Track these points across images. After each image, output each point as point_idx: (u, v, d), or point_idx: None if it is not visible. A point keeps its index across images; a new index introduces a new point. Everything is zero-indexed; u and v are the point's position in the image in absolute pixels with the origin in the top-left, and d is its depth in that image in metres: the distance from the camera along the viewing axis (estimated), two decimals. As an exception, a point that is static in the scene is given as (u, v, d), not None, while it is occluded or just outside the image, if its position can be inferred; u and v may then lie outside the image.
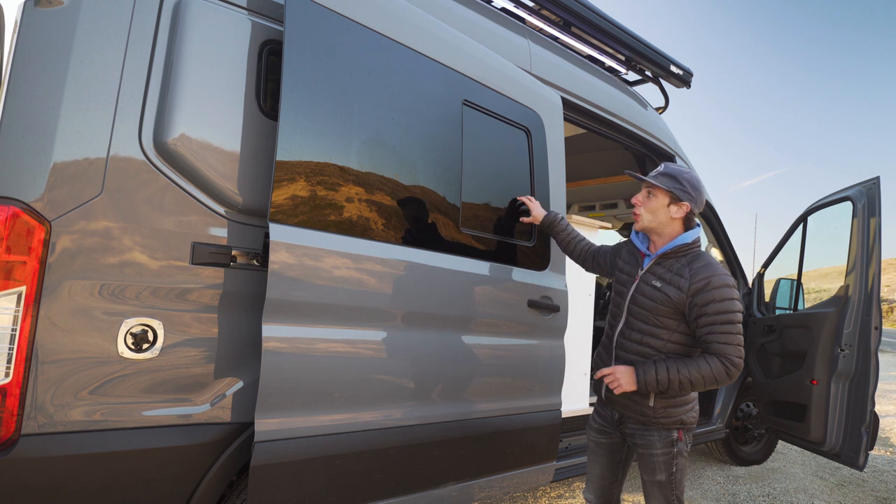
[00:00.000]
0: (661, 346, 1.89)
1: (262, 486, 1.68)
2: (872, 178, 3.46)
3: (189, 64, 1.69)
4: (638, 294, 1.94)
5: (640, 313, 1.93)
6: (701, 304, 1.80)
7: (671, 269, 1.89)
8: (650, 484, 1.97)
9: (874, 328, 3.26)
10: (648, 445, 1.95)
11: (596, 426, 2.15)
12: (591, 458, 2.17)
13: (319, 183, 1.82)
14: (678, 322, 1.87)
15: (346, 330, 1.89)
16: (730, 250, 4.51)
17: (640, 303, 1.92)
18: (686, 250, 1.91)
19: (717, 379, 1.79)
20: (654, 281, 1.91)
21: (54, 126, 1.50)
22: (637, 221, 1.98)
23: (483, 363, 2.32)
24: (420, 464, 2.10)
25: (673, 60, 3.68)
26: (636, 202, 1.97)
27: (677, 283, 1.85)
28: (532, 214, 2.43)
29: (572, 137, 4.37)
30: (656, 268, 1.94)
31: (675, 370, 1.80)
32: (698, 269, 1.84)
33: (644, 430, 1.96)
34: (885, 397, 7.89)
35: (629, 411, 1.98)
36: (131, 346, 1.60)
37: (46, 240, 1.48)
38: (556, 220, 2.43)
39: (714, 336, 1.79)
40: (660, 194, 1.93)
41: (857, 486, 4.06)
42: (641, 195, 1.97)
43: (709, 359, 1.80)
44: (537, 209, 2.44)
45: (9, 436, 1.45)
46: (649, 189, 1.95)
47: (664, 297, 1.86)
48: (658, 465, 1.93)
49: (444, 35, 2.26)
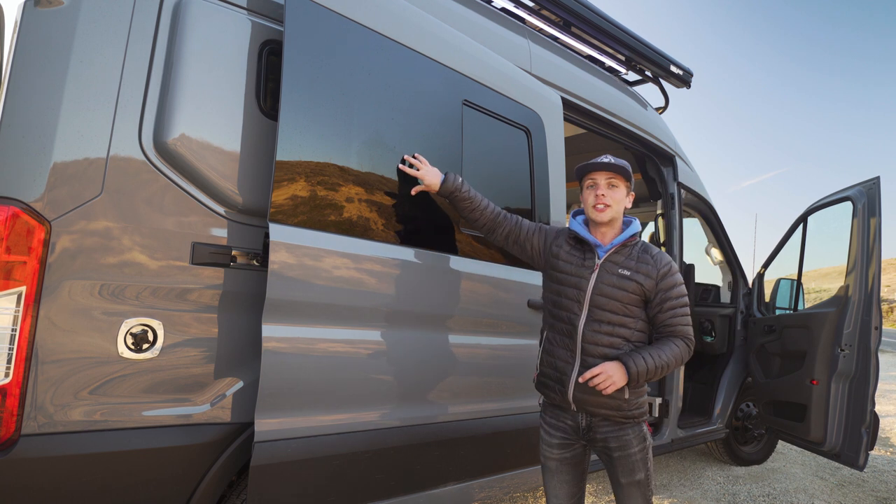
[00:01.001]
0: (630, 334, 1.88)
1: (262, 486, 1.68)
2: (872, 178, 3.46)
3: (189, 64, 1.70)
4: (603, 284, 1.87)
5: (607, 304, 1.87)
6: (666, 289, 1.87)
7: (631, 258, 1.90)
8: (629, 486, 1.88)
9: (874, 328, 3.26)
10: (625, 445, 1.87)
11: (556, 441, 1.96)
12: (555, 478, 1.98)
13: (319, 183, 1.82)
14: (641, 309, 1.90)
15: (346, 330, 1.89)
16: (730, 250, 4.51)
17: (608, 293, 1.87)
18: (636, 240, 1.97)
19: (683, 358, 1.87)
20: (619, 270, 1.88)
21: (54, 126, 1.50)
22: (602, 213, 1.90)
23: (483, 363, 2.32)
24: (420, 464, 2.10)
25: (673, 60, 3.69)
26: (602, 194, 1.90)
27: (645, 271, 1.87)
28: (425, 182, 2.04)
29: (572, 137, 4.37)
30: (616, 257, 1.91)
31: (657, 356, 1.82)
32: (657, 255, 1.91)
33: (618, 429, 1.88)
34: (885, 397, 7.89)
35: (604, 409, 1.86)
36: (131, 346, 1.60)
37: (46, 240, 1.48)
38: (458, 186, 2.05)
39: (678, 319, 1.87)
40: (621, 185, 1.93)
41: (857, 486, 4.06)
42: (604, 186, 1.90)
43: (675, 341, 1.87)
44: (430, 174, 2.04)
45: (9, 436, 1.45)
46: (611, 180, 1.91)
47: (636, 285, 1.86)
48: (637, 464, 1.87)
49: (444, 35, 2.26)
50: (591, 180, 1.94)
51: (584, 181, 1.97)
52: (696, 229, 4.71)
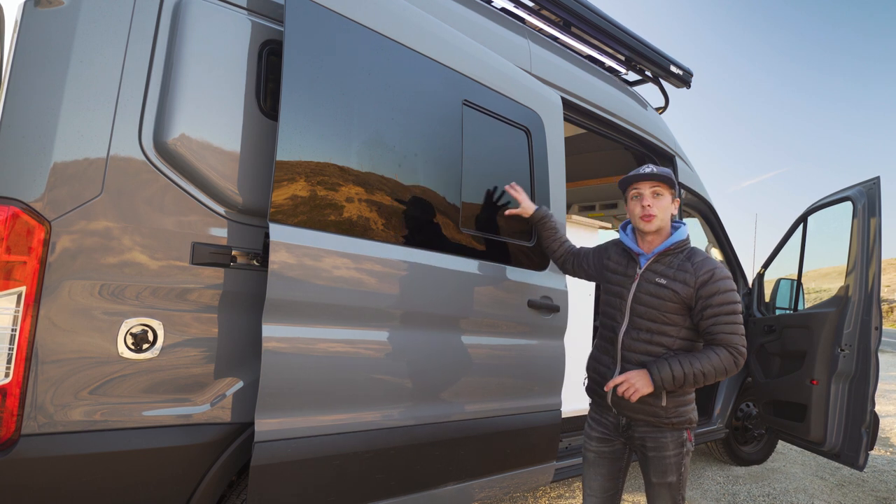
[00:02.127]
0: (671, 343, 1.90)
1: (262, 486, 1.68)
2: (872, 178, 3.46)
3: (189, 64, 1.69)
4: (642, 293, 1.92)
5: (646, 312, 1.91)
6: (706, 297, 1.84)
7: (672, 266, 1.91)
8: (659, 486, 1.93)
9: (874, 328, 3.26)
10: (661, 448, 1.91)
11: (596, 435, 2.06)
12: (592, 470, 2.07)
13: (319, 183, 1.82)
14: (684, 318, 1.89)
15: (346, 330, 1.88)
16: (730, 250, 4.51)
17: (646, 302, 1.91)
18: (682, 246, 1.95)
19: (727, 369, 1.82)
20: (657, 279, 1.90)
21: (54, 126, 1.50)
22: (649, 223, 1.92)
23: (483, 363, 2.31)
24: (420, 464, 2.10)
25: (673, 60, 3.68)
26: (648, 204, 1.92)
27: (682, 279, 1.87)
28: (521, 206, 2.35)
29: (572, 137, 4.37)
30: (656, 265, 1.93)
31: (687, 365, 1.81)
32: (700, 262, 1.88)
33: (656, 432, 1.92)
34: (885, 397, 7.89)
35: (641, 414, 1.92)
36: (131, 347, 1.60)
37: (46, 240, 1.48)
38: (547, 217, 2.36)
39: (720, 327, 1.82)
40: (665, 192, 1.94)
41: (857, 486, 4.06)
42: (649, 196, 1.92)
43: (717, 350, 1.82)
44: (527, 202, 2.35)
45: (9, 436, 1.45)
46: (655, 189, 1.93)
47: (672, 293, 1.87)
48: (670, 467, 1.91)
49: (444, 35, 2.26)
50: (636, 190, 1.96)
51: (629, 192, 1.99)
52: (696, 229, 4.71)
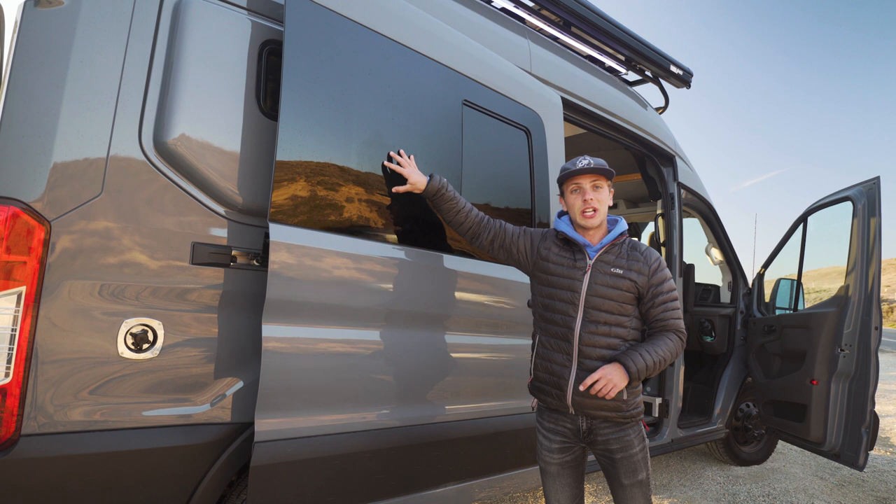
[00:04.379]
0: (626, 333, 1.88)
1: (262, 486, 1.68)
2: (872, 178, 3.47)
3: (189, 64, 1.69)
4: (598, 285, 1.86)
5: (603, 304, 1.86)
6: (657, 284, 1.88)
7: (622, 256, 1.90)
8: (632, 486, 1.87)
9: (874, 328, 3.26)
10: (627, 446, 1.86)
11: (556, 446, 1.94)
12: (556, 483, 1.96)
13: (319, 183, 1.82)
14: (634, 307, 1.90)
15: (346, 330, 1.89)
16: (730, 250, 4.51)
17: (603, 293, 1.86)
18: (624, 237, 1.95)
19: (677, 352, 1.87)
20: (612, 269, 1.87)
21: (54, 126, 1.50)
22: (593, 218, 1.89)
23: (483, 363, 2.32)
24: (420, 464, 2.10)
25: (673, 60, 3.69)
26: (590, 198, 1.89)
27: (637, 268, 1.87)
28: (410, 181, 2.00)
29: (572, 137, 4.37)
30: (607, 256, 1.90)
31: (654, 352, 1.82)
32: (647, 251, 1.92)
33: (619, 430, 1.87)
34: (885, 397, 7.89)
35: (607, 411, 1.85)
36: (131, 347, 1.60)
37: (46, 240, 1.48)
38: (444, 185, 2.02)
39: (669, 313, 1.88)
40: (604, 185, 1.92)
41: (857, 486, 4.06)
42: (590, 190, 1.90)
43: (668, 335, 1.87)
44: (416, 174, 2.01)
45: (9, 436, 1.45)
46: (595, 182, 1.91)
47: (630, 283, 1.86)
48: (639, 464, 1.87)
49: (444, 35, 2.26)
50: (576, 185, 1.92)
51: (567, 186, 1.95)
52: (696, 229, 4.71)
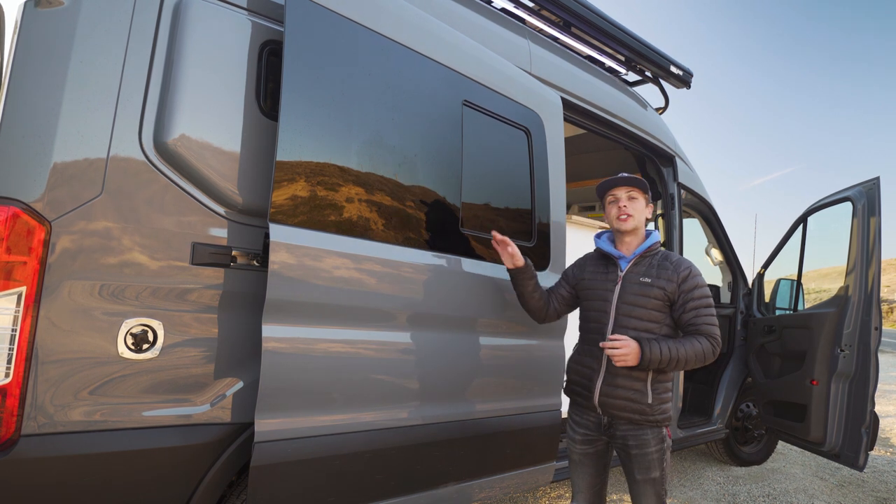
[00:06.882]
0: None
1: (262, 486, 1.68)
2: (872, 178, 3.47)
3: (189, 64, 1.70)
4: (627, 294, 2.02)
5: (632, 311, 2.01)
6: (687, 291, 1.98)
7: (652, 266, 2.04)
8: (643, 483, 2.01)
9: (874, 328, 3.26)
10: (643, 444, 1.99)
11: (579, 437, 2.13)
12: (578, 470, 2.16)
13: (319, 183, 1.82)
14: (665, 315, 2.01)
15: (346, 330, 1.89)
16: (730, 250, 4.51)
17: (633, 301, 2.01)
18: (657, 249, 2.10)
19: (706, 356, 1.94)
20: (641, 278, 2.02)
21: (54, 126, 1.50)
22: (626, 222, 2.07)
23: (483, 363, 2.32)
24: (420, 464, 2.10)
25: (673, 61, 3.69)
26: (624, 205, 2.07)
27: (666, 276, 1.99)
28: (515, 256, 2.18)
29: (572, 137, 4.37)
30: (637, 267, 2.06)
31: (675, 348, 1.91)
32: (677, 261, 2.03)
33: (637, 429, 2.00)
34: (885, 397, 7.89)
35: (630, 413, 1.99)
36: (131, 347, 1.60)
37: (46, 240, 1.48)
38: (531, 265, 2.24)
39: (702, 318, 1.96)
40: (640, 196, 2.09)
41: (857, 487, 4.06)
42: (624, 199, 2.08)
43: (699, 338, 1.95)
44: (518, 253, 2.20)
45: (9, 436, 1.45)
46: (630, 192, 2.08)
47: (659, 290, 1.98)
48: (653, 463, 1.99)
49: (444, 35, 2.26)
50: (613, 196, 2.11)
51: (606, 198, 2.14)
52: (696, 229, 4.71)
